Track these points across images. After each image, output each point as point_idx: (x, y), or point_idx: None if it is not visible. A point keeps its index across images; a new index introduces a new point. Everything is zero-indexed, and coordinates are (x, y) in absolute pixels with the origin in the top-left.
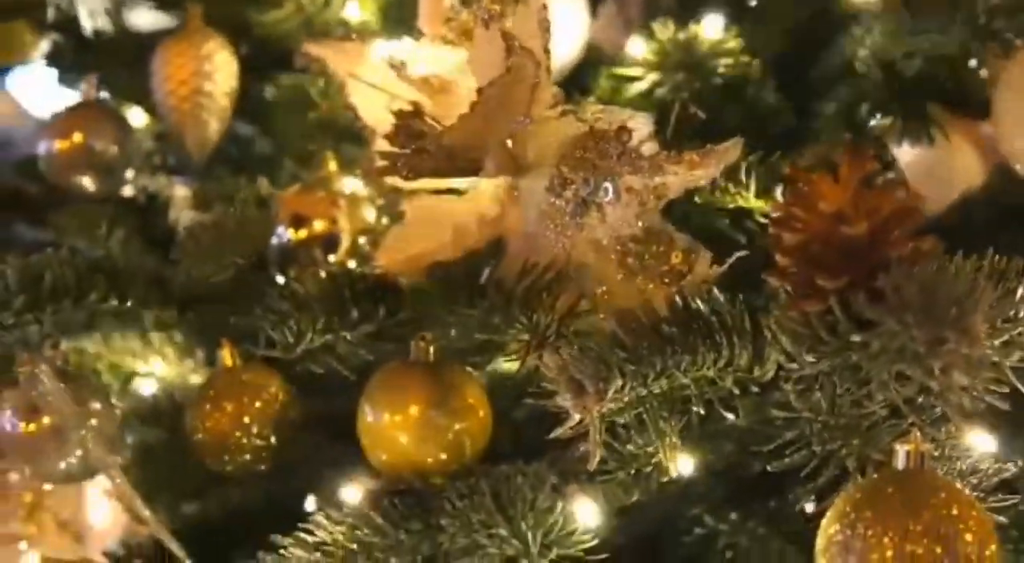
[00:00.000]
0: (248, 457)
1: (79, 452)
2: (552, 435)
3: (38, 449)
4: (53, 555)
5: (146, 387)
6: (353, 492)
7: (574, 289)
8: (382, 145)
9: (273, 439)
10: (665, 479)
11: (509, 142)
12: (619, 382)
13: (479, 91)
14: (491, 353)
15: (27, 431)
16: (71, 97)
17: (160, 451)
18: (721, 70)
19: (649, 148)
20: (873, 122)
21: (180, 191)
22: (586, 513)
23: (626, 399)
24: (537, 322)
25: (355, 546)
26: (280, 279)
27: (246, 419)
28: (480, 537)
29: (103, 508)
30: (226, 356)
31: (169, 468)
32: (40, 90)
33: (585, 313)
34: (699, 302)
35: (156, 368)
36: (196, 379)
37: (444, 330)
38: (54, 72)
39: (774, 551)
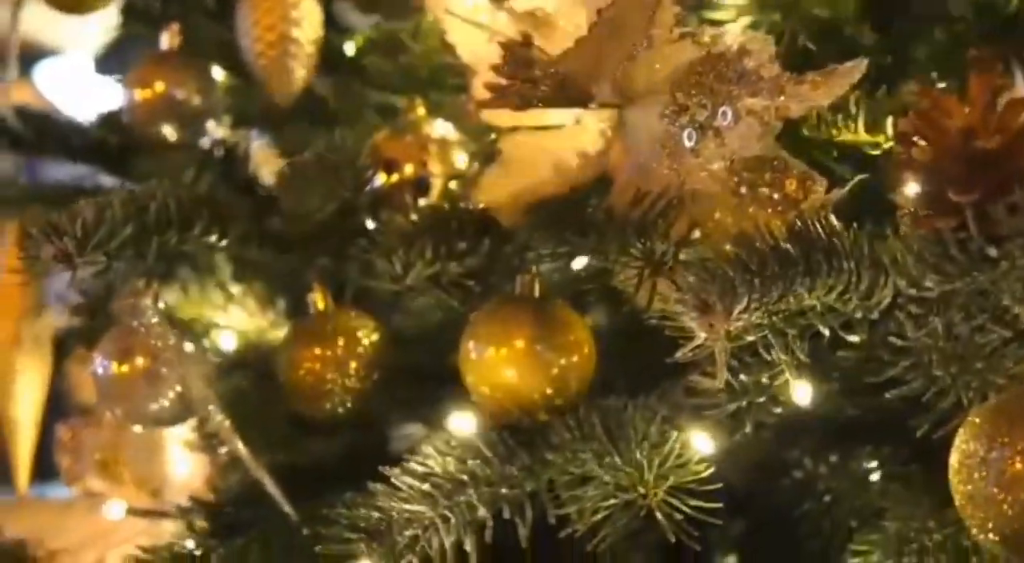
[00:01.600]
0: (342, 401)
1: (173, 393)
2: (675, 357)
3: (131, 391)
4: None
5: (226, 340)
6: (462, 424)
7: (686, 218)
8: (485, 78)
9: (366, 383)
10: (777, 410)
11: (621, 69)
12: (744, 302)
13: (598, 12)
14: (604, 280)
15: (120, 373)
16: (99, 91)
17: (242, 401)
18: (816, 11)
19: (769, 70)
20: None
21: (259, 143)
22: (700, 443)
23: (751, 319)
24: (652, 249)
25: (464, 477)
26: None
27: (340, 362)
28: (592, 467)
29: (182, 463)
30: (318, 300)
31: (253, 418)
32: (67, 83)
33: (699, 241)
34: (817, 227)
35: (235, 320)
36: (276, 332)
37: (554, 260)
38: (84, 64)
39: (875, 492)
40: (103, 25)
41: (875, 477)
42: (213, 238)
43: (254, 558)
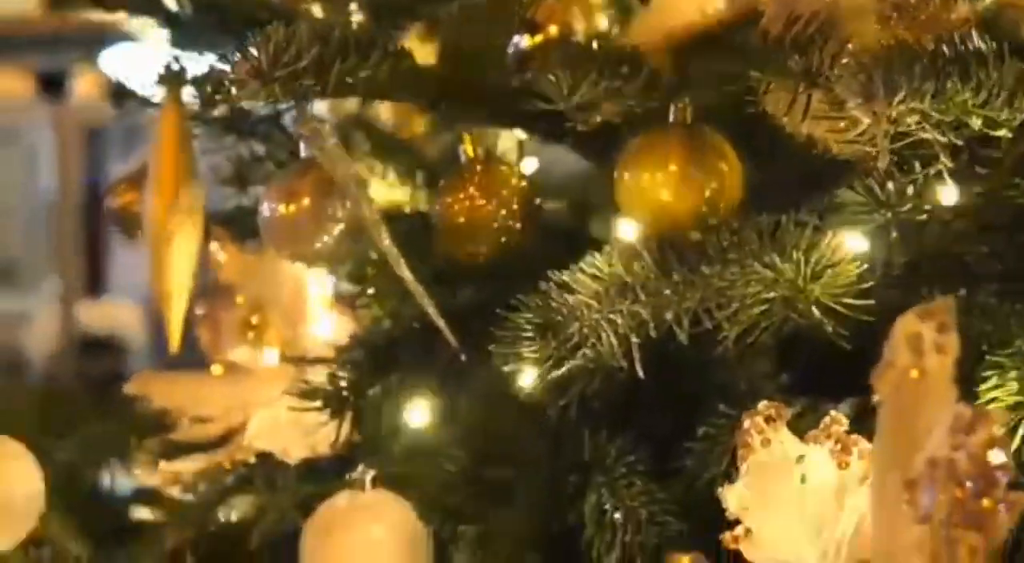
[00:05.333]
0: (493, 242)
1: (339, 230)
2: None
3: (297, 230)
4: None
5: None
6: (628, 230)
7: (838, 38)
8: None
9: (519, 226)
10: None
11: None
12: (904, 90)
13: None
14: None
15: (286, 213)
16: None
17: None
18: None
19: None
20: None
21: None
22: (852, 244)
23: (909, 108)
24: (808, 62)
25: (629, 280)
26: None
27: (490, 205)
28: (748, 274)
29: (326, 327)
30: (468, 148)
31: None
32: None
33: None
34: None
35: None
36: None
37: (708, 86)
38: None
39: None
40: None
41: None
42: (385, 69)
43: (409, 393)
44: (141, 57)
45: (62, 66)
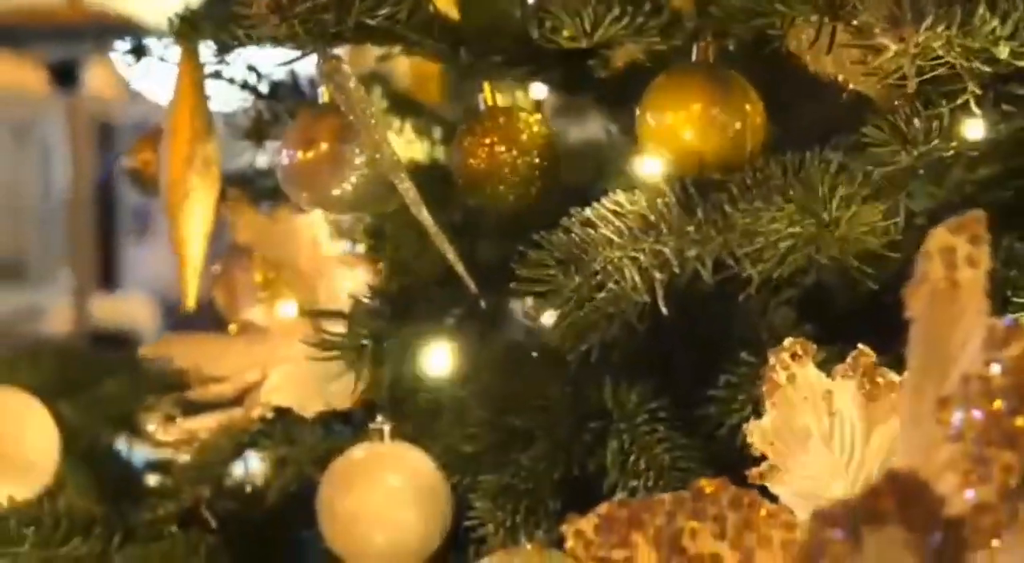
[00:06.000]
0: (513, 185)
1: (357, 176)
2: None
3: (315, 176)
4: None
5: None
6: (651, 167)
7: None
8: None
9: (539, 174)
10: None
11: None
12: (931, 16)
13: None
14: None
15: (305, 159)
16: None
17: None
18: None
19: None
20: None
21: None
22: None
23: (933, 37)
24: None
25: (652, 218)
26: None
27: (509, 150)
28: (772, 210)
29: (342, 281)
30: (488, 95)
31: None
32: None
33: None
34: None
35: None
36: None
37: (731, 23)
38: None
39: None
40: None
41: None
42: (404, 12)
43: (428, 343)
44: (154, 50)
45: (75, 56)
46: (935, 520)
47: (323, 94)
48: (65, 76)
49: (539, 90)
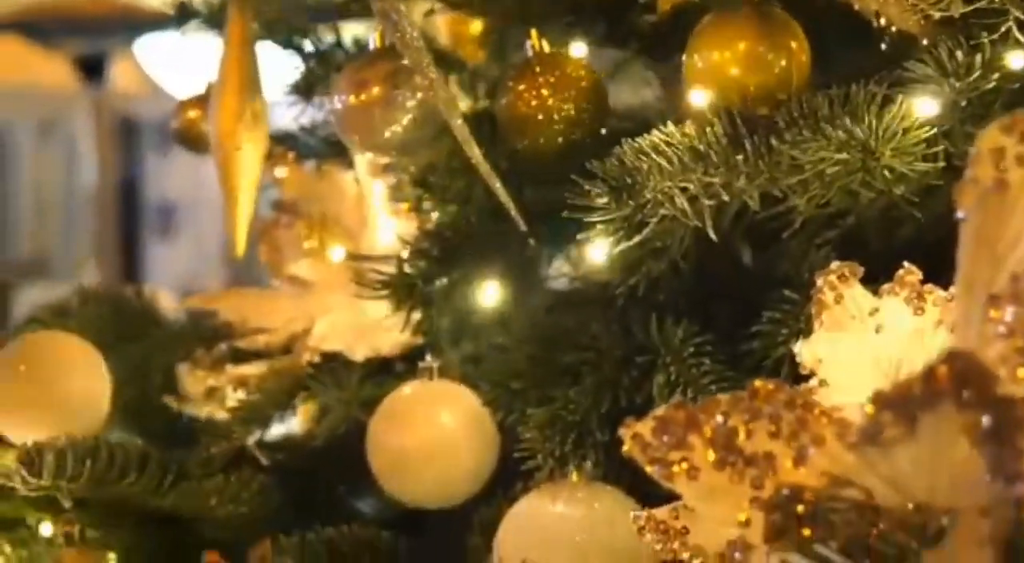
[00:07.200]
0: (562, 132)
1: (408, 118)
2: None
3: (368, 119)
4: None
5: None
6: (700, 99)
7: None
8: None
9: (586, 118)
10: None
11: None
12: None
13: None
14: None
15: (357, 103)
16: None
17: None
18: None
19: None
20: None
21: None
22: (923, 108)
23: None
24: None
25: (701, 148)
26: None
27: (556, 94)
28: (818, 139)
29: (389, 231)
30: (535, 42)
31: None
32: (168, 59)
33: None
34: None
35: None
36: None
37: None
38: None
39: None
40: None
41: None
42: None
43: (476, 282)
44: (179, 45)
45: (102, 51)
46: (989, 401)
47: (375, 40)
48: (92, 71)
49: (579, 49)
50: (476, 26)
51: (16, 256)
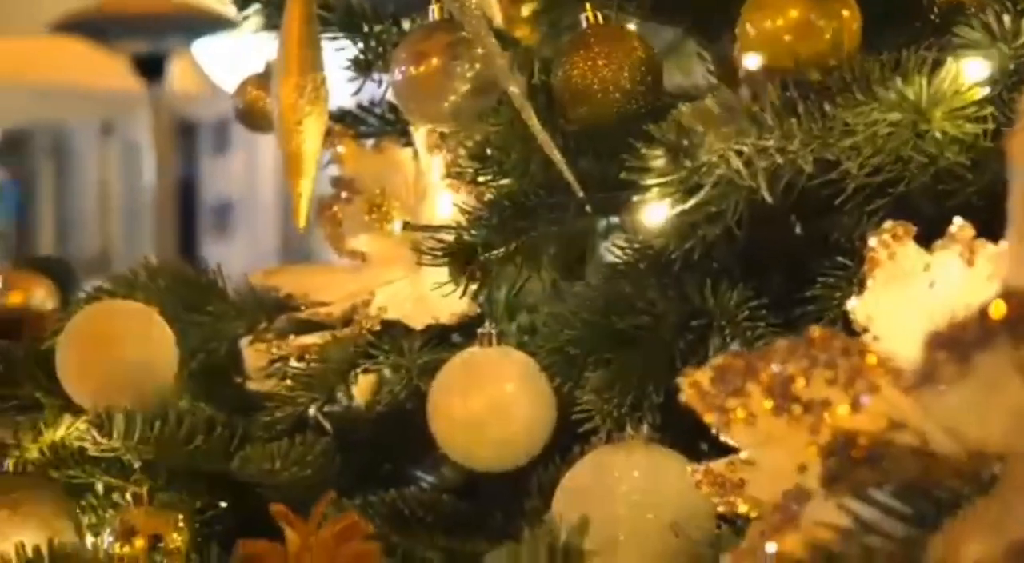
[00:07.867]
0: (617, 103)
1: (467, 86)
2: None
3: (426, 90)
4: None
5: None
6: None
7: None
8: None
9: (641, 87)
10: None
11: None
12: None
13: None
14: None
15: (416, 74)
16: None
17: None
18: None
19: None
20: None
21: None
22: (973, 69)
23: None
24: None
25: (756, 109)
26: None
27: (612, 64)
28: (870, 101)
29: (447, 205)
30: (590, 14)
31: None
32: (226, 61)
33: None
34: None
35: None
36: None
37: None
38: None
39: None
40: None
41: None
42: None
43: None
44: (237, 46)
45: (161, 50)
46: None
47: (434, 11)
48: (151, 70)
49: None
50: (529, 6)
51: (80, 254)
